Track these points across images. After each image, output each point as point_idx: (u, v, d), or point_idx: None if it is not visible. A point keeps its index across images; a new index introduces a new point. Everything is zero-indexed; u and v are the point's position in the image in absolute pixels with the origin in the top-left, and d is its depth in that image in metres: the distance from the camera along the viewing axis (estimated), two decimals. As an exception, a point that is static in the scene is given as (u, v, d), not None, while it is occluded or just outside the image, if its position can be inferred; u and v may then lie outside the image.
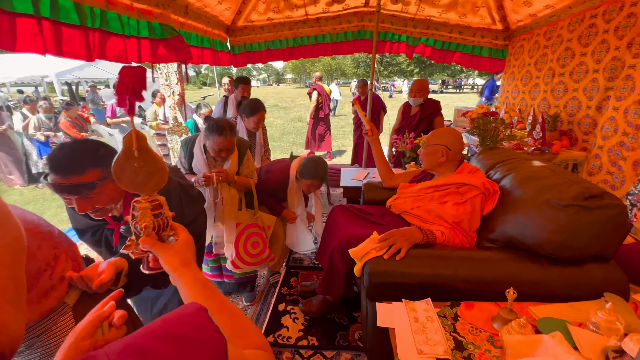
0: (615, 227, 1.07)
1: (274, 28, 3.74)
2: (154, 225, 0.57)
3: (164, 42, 2.12)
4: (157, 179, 0.57)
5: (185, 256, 0.58)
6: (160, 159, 0.58)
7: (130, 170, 0.55)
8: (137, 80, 0.52)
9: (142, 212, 0.57)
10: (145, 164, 0.55)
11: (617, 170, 2.20)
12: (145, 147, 0.55)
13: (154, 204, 0.58)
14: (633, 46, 2.09)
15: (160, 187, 0.59)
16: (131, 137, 0.54)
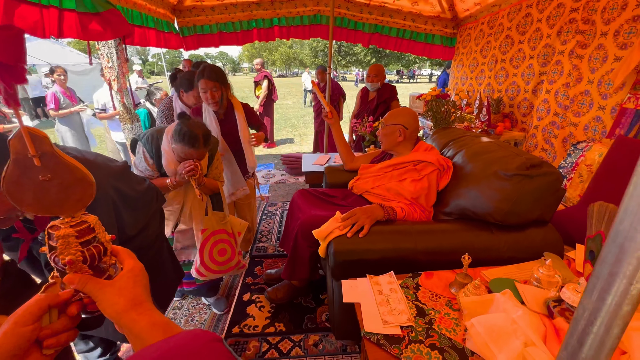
0: (552, 192, 1.18)
1: (226, 10, 3.54)
2: (84, 258, 0.43)
3: (98, 17, 1.88)
4: (78, 193, 0.42)
5: (134, 293, 0.44)
6: (78, 165, 0.42)
7: (34, 186, 0.39)
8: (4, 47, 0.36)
9: (64, 242, 0.41)
10: (54, 174, 0.40)
11: (549, 147, 2.44)
12: (50, 152, 0.39)
13: (79, 228, 0.43)
14: (562, 34, 2.31)
15: (86, 204, 0.43)
16: (22, 140, 0.36)
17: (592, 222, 1.05)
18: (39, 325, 0.40)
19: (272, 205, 3.09)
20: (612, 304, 0.25)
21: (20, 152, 0.37)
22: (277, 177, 4.12)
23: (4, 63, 0.35)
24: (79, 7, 1.81)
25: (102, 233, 0.46)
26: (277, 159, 4.97)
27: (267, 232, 2.57)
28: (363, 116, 2.71)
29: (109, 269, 0.47)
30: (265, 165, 4.67)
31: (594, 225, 1.04)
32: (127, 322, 0.42)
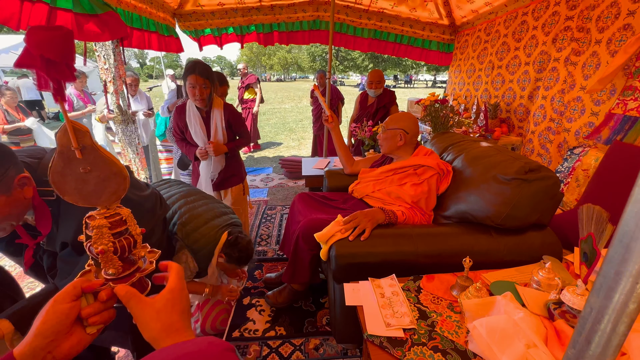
0: (551, 197, 1.20)
1: (226, 14, 3.56)
2: (115, 248, 0.45)
3: (95, 18, 1.89)
4: (113, 186, 0.44)
5: (171, 320, 0.43)
6: (114, 159, 0.44)
7: (75, 177, 0.42)
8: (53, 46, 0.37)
9: (98, 232, 0.44)
10: (93, 167, 0.42)
11: (545, 152, 2.48)
12: (90, 145, 0.41)
13: (113, 219, 0.45)
14: (557, 41, 2.36)
15: (120, 197, 0.45)
16: (66, 134, 0.39)
17: (583, 224, 1.07)
18: (76, 304, 0.43)
19: (271, 209, 3.09)
20: (618, 302, 0.27)
21: (65, 145, 0.41)
22: (275, 181, 4.13)
23: (53, 60, 0.37)
24: (76, 8, 1.81)
25: (134, 226, 0.48)
26: (275, 162, 4.98)
27: (267, 235, 2.57)
28: (362, 120, 2.74)
29: (138, 261, 0.49)
30: (264, 169, 4.67)
31: (585, 227, 1.06)
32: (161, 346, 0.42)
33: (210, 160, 1.90)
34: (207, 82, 1.71)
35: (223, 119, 1.84)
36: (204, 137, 1.84)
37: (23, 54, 0.37)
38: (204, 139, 1.84)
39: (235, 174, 2.03)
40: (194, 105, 1.80)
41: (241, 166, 2.11)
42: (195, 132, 1.83)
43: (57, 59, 0.38)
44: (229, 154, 1.94)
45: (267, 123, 8.90)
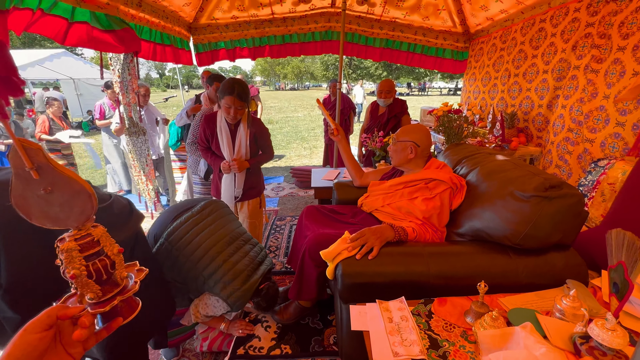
0: (574, 215, 1.11)
1: (240, 27, 3.63)
2: (89, 272, 0.42)
3: (112, 33, 1.95)
4: (80, 205, 0.41)
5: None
6: (75, 177, 0.41)
7: (37, 199, 0.40)
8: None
9: (67, 256, 0.41)
10: (54, 187, 0.40)
11: (563, 163, 2.36)
12: (45, 163, 0.39)
13: (83, 241, 0.43)
14: (577, 48, 2.26)
15: (89, 216, 0.43)
16: (18, 154, 0.37)
17: (612, 250, 0.99)
18: (47, 334, 0.39)
19: (280, 220, 3.06)
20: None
21: (19, 166, 0.38)
22: (286, 190, 4.12)
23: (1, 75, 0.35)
24: (93, 23, 1.87)
25: (110, 246, 0.45)
26: (286, 171, 4.98)
27: (275, 247, 2.54)
28: (373, 131, 2.70)
29: (122, 282, 0.46)
30: (275, 178, 4.68)
31: (614, 254, 0.97)
32: None
33: (233, 176, 1.93)
34: (244, 105, 1.76)
35: (249, 133, 1.88)
36: (230, 150, 1.88)
37: None
38: (229, 152, 1.88)
39: (254, 186, 2.04)
40: (224, 119, 1.85)
41: (260, 179, 2.13)
42: (222, 144, 1.88)
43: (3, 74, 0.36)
44: (250, 169, 1.96)
45: (279, 132, 8.98)
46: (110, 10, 1.99)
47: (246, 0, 3.31)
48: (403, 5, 3.42)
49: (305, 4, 3.46)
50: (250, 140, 1.90)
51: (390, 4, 3.43)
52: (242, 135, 1.86)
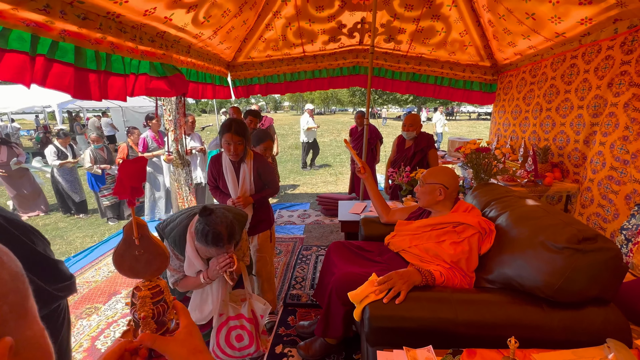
0: (611, 271, 1.08)
1: (273, 64, 3.92)
2: (154, 314, 0.55)
3: (165, 80, 2.21)
4: (157, 264, 0.57)
5: (193, 344, 0.54)
6: (160, 243, 0.58)
7: (131, 257, 0.56)
8: (136, 176, 0.54)
9: (142, 301, 0.54)
10: (145, 250, 0.56)
11: (607, 203, 2.24)
12: (146, 235, 0.56)
13: (154, 290, 0.56)
14: (613, 86, 2.21)
15: (161, 272, 0.59)
16: (132, 226, 0.55)
17: None
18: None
19: (306, 250, 3.12)
20: None
21: (129, 235, 0.56)
22: (312, 217, 4.19)
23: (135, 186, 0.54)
24: (152, 72, 2.15)
25: (168, 294, 0.59)
26: (313, 198, 5.08)
27: (302, 278, 2.58)
28: (399, 165, 2.74)
29: (168, 322, 0.59)
30: (301, 205, 4.78)
31: None
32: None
33: None
34: (242, 140, 1.84)
35: (252, 169, 1.95)
36: (235, 186, 1.93)
37: (118, 185, 0.54)
38: (234, 189, 1.93)
39: (263, 219, 2.06)
40: (228, 157, 1.93)
41: (270, 213, 2.12)
42: (228, 181, 1.94)
43: (139, 184, 0.53)
44: (256, 204, 2.00)
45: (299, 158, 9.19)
46: (165, 59, 2.27)
47: (280, 42, 3.60)
48: (429, 42, 3.54)
49: (335, 43, 3.69)
50: (255, 176, 1.96)
51: (417, 42, 3.57)
52: (246, 172, 1.93)
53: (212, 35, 2.77)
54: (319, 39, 3.59)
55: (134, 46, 1.92)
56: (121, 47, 1.83)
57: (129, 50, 1.90)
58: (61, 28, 1.44)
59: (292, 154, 9.79)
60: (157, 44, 2.16)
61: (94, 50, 1.64)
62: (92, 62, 1.60)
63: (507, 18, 2.80)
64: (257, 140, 2.36)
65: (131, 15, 1.81)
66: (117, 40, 1.76)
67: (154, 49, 2.13)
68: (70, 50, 1.48)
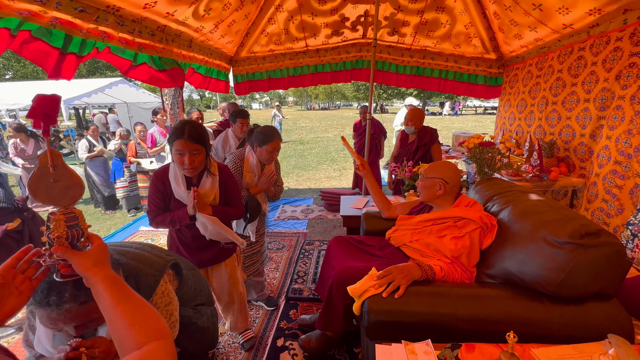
0: (614, 266, 1.06)
1: (275, 59, 3.89)
2: (67, 236, 0.62)
3: (164, 73, 2.22)
4: (72, 192, 0.65)
5: (98, 258, 0.63)
6: (75, 174, 0.65)
7: (46, 184, 0.62)
8: (49, 106, 0.60)
9: (56, 223, 0.61)
10: (60, 179, 0.63)
11: (611, 198, 2.21)
12: (60, 164, 0.63)
13: (68, 216, 0.63)
14: (621, 78, 2.16)
15: (76, 200, 0.66)
16: (46, 155, 0.62)
17: None
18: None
19: (309, 245, 3.12)
20: None
21: (43, 164, 0.62)
22: (315, 213, 4.19)
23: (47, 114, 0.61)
24: (150, 64, 2.16)
25: (83, 222, 0.66)
26: (316, 193, 5.08)
27: (304, 273, 2.59)
28: (402, 160, 2.72)
29: (83, 249, 0.66)
30: (304, 200, 4.79)
31: None
32: (90, 275, 0.61)
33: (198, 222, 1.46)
34: (200, 148, 1.38)
35: (217, 180, 1.53)
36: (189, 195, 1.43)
37: (31, 110, 0.60)
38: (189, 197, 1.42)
39: (228, 244, 1.64)
40: (179, 173, 1.45)
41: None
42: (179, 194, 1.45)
43: (51, 113, 0.61)
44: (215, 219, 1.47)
45: (309, 152, 9.20)
46: (165, 53, 2.27)
47: (283, 36, 3.57)
48: (433, 35, 3.49)
49: (338, 37, 3.65)
50: (220, 192, 1.54)
51: (421, 34, 3.52)
52: (208, 182, 1.49)
53: (214, 29, 2.76)
54: (322, 33, 3.56)
55: (131, 38, 1.92)
56: (112, 37, 1.80)
57: (121, 41, 1.88)
58: (52, 16, 1.43)
59: (295, 149, 9.79)
60: (157, 37, 2.16)
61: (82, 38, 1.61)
62: (75, 47, 1.58)
63: (513, 9, 2.74)
64: (263, 138, 1.85)
65: (131, 9, 1.81)
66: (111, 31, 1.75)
67: (153, 43, 2.12)
68: (60, 36, 1.48)
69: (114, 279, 0.62)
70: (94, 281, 0.61)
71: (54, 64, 1.50)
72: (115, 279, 0.63)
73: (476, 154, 2.18)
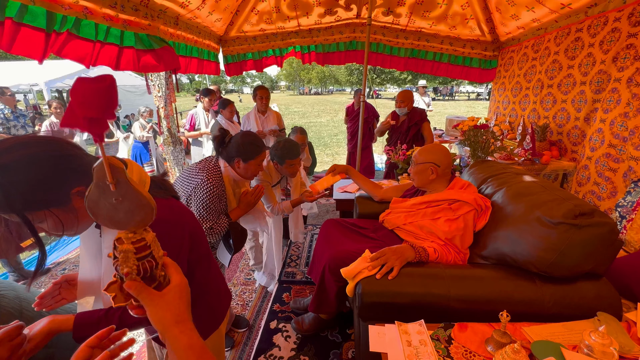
0: (606, 245, 1.07)
1: (267, 39, 3.75)
2: (139, 270, 0.50)
3: (152, 52, 2.10)
4: (141, 215, 0.49)
5: (179, 310, 0.50)
6: (144, 192, 0.48)
7: (107, 205, 0.47)
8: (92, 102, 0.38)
9: (124, 256, 0.49)
10: (125, 198, 0.47)
11: (603, 181, 2.23)
12: (124, 180, 0.46)
13: (139, 245, 0.50)
14: (618, 60, 2.14)
15: (146, 225, 0.51)
16: (103, 169, 0.44)
17: None
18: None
19: (302, 228, 3.11)
20: None
21: (101, 179, 0.45)
22: (308, 198, 4.16)
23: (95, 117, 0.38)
24: (137, 45, 2.03)
25: (157, 249, 0.53)
26: (309, 178, 5.04)
27: (297, 257, 2.59)
28: (396, 142, 2.70)
29: (158, 279, 0.53)
30: (298, 185, 4.75)
31: None
32: (169, 336, 0.48)
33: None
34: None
35: None
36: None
37: (67, 113, 0.39)
38: None
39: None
40: None
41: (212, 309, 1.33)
42: None
43: (99, 115, 0.39)
44: None
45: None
46: (151, 30, 2.15)
47: (274, 14, 3.43)
48: (429, 16, 3.39)
49: (331, 16, 3.53)
50: None
51: (416, 15, 3.42)
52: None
53: (201, 5, 2.62)
54: (315, 12, 3.43)
55: (114, 14, 1.80)
56: (96, 13, 1.69)
57: (106, 18, 1.77)
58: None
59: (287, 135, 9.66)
60: (142, 13, 2.04)
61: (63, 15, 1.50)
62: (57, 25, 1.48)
63: (511, -12, 2.66)
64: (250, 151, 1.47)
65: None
66: (92, 6, 1.64)
67: (138, 19, 2.00)
68: (41, 14, 1.38)
69: (199, 351, 0.49)
70: (172, 348, 0.48)
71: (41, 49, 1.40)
72: (201, 351, 0.50)
73: (470, 136, 2.16)
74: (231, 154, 1.48)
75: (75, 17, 1.58)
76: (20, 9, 1.31)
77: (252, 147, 1.47)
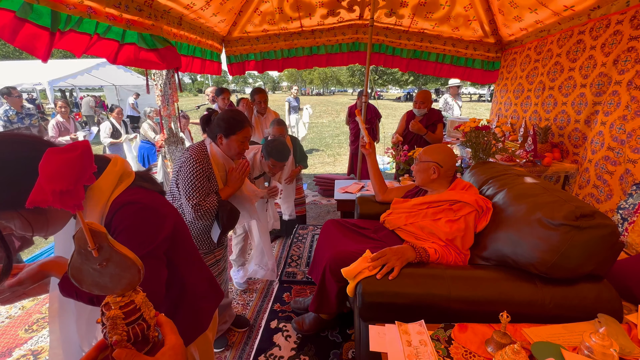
0: (607, 247, 1.07)
1: (269, 39, 3.77)
2: (129, 337, 0.46)
3: (155, 52, 2.11)
4: (128, 277, 0.46)
5: None
6: (128, 255, 0.45)
7: (92, 271, 0.45)
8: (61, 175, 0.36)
9: (112, 323, 0.45)
10: (109, 262, 0.45)
11: (601, 184, 2.23)
12: (106, 244, 0.44)
13: (127, 309, 0.46)
14: (619, 63, 2.14)
15: (134, 287, 0.48)
16: (84, 236, 0.41)
17: None
18: None
19: (303, 229, 3.12)
20: None
21: (82, 246, 0.43)
22: (309, 198, 4.18)
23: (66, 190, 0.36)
24: (140, 44, 2.04)
25: (148, 311, 0.49)
26: (310, 178, 5.05)
27: (297, 257, 2.59)
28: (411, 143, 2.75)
29: (152, 340, 0.50)
30: (299, 185, 4.76)
31: None
32: None
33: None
34: None
35: None
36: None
37: (35, 189, 0.36)
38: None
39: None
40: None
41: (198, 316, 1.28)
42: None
43: (70, 187, 0.36)
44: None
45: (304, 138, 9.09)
46: (155, 30, 2.16)
47: (277, 15, 3.44)
48: (432, 17, 3.40)
49: (334, 17, 3.54)
50: None
51: (419, 16, 3.42)
52: None
53: (205, 6, 2.64)
54: (317, 13, 3.44)
55: (117, 14, 1.81)
56: (100, 12, 1.70)
57: (109, 17, 1.78)
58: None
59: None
60: (146, 13, 2.05)
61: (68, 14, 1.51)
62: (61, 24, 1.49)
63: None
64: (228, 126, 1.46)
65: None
66: (96, 6, 1.65)
67: (141, 19, 2.02)
68: (46, 13, 1.39)
69: None
70: None
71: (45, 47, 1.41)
72: None
73: (472, 137, 2.16)
74: (214, 130, 1.48)
75: (79, 17, 1.59)
76: (23, 6, 1.32)
77: (232, 121, 1.45)
